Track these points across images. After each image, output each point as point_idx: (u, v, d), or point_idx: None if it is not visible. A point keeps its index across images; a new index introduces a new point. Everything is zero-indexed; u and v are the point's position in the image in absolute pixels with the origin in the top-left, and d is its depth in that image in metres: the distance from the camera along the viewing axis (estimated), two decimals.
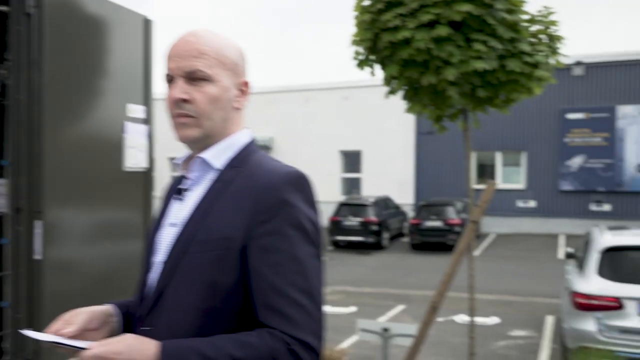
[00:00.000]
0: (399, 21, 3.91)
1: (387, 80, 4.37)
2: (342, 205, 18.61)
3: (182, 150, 1.35)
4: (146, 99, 4.14)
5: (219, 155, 1.37)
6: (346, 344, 7.85)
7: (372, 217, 17.78)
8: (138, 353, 1.14)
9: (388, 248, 18.04)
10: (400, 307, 10.24)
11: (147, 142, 4.16)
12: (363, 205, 18.20)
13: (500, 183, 21.08)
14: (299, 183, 1.32)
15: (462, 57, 3.90)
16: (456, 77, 3.94)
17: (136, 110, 4.05)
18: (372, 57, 4.45)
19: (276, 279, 1.22)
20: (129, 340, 1.16)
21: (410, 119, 20.69)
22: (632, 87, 19.10)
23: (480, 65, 3.88)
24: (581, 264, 6.44)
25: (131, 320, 1.40)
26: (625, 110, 19.07)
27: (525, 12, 4.25)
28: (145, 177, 4.18)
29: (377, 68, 4.48)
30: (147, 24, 4.15)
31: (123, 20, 3.93)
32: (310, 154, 24.23)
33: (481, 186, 21.47)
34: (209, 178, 1.37)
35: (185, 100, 1.32)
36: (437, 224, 16.92)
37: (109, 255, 3.89)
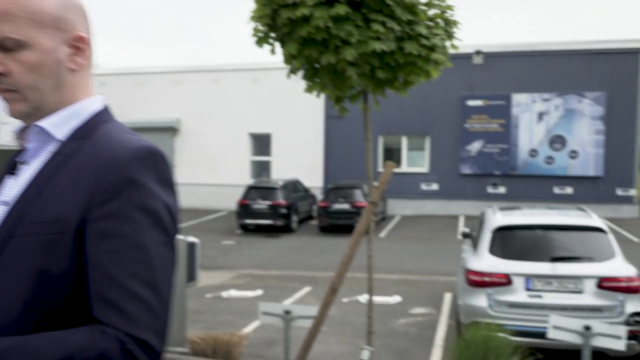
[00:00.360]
0: None
1: (287, 59, 4.26)
2: (251, 188, 18.42)
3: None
4: None
5: (61, 124, 1.17)
6: (250, 328, 7.77)
7: (281, 200, 17.75)
8: None
9: (297, 231, 18.11)
10: (306, 289, 10.30)
11: None
12: (272, 189, 18.12)
13: (405, 167, 21.78)
14: (152, 160, 1.12)
15: (360, 37, 3.88)
16: (355, 58, 3.91)
17: None
18: (272, 34, 4.33)
19: (113, 268, 1.04)
20: None
21: (320, 103, 20.76)
22: (527, 77, 20.29)
23: (378, 46, 3.88)
24: (475, 243, 6.75)
25: None
26: (519, 99, 20.24)
27: None
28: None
29: (278, 46, 4.37)
30: None
31: None
32: (218, 137, 23.75)
33: None
34: (48, 150, 1.17)
35: (1, 74, 1.12)
36: (345, 206, 17.18)
37: None
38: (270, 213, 17.67)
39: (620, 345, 4.67)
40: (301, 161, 22.67)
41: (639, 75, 19.51)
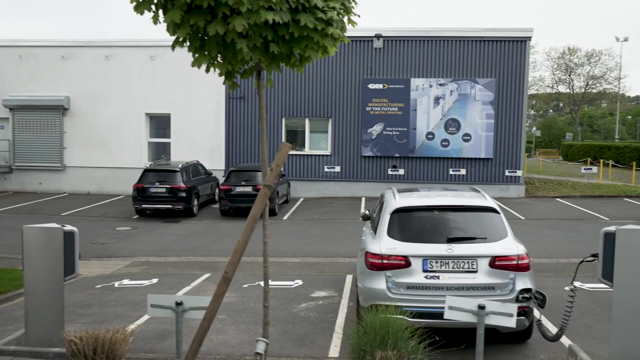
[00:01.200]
0: None
1: (170, 28, 3.85)
2: (148, 171, 17.53)
3: None
4: None
5: None
6: (142, 320, 7.29)
7: (181, 184, 17.05)
8: None
9: (198, 215, 17.51)
10: (205, 276, 9.89)
11: None
12: (171, 171, 17.36)
13: (308, 149, 21.72)
14: None
15: (251, 6, 3.57)
16: (246, 29, 3.59)
17: None
18: None
19: None
20: None
21: (221, 82, 20.11)
22: (425, 61, 20.85)
23: (271, 16, 3.59)
24: (375, 226, 6.70)
25: None
26: (417, 83, 20.78)
27: None
28: None
29: (161, 14, 3.93)
30: None
31: None
32: (113, 117, 22.38)
33: (292, 152, 21.93)
34: None
35: None
36: (247, 189, 16.80)
37: None
38: (169, 197, 16.95)
39: (511, 322, 4.78)
40: (202, 143, 21.94)
41: (526, 62, 20.68)
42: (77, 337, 4.53)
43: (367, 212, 8.55)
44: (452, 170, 20.76)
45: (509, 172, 20.69)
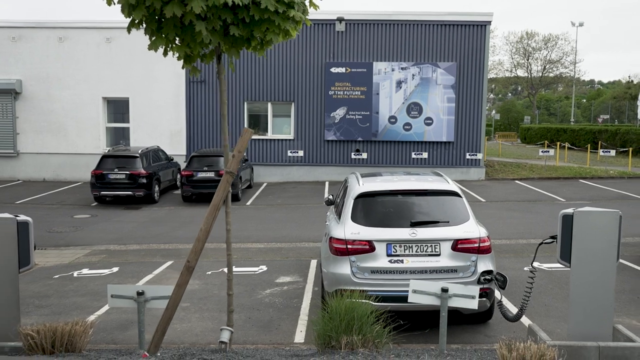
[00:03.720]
0: None
1: (125, 9, 3.70)
2: (105, 157, 17.08)
3: None
4: None
5: None
6: (103, 310, 7.13)
7: (141, 170, 16.69)
8: None
9: (159, 202, 17.20)
10: (168, 263, 9.74)
11: None
12: (130, 157, 16.95)
13: (271, 134, 21.56)
14: None
15: None
16: (204, 10, 3.48)
17: None
18: None
19: None
20: None
21: (181, 66, 19.67)
22: (387, 45, 20.88)
23: None
24: (339, 211, 6.69)
25: None
26: (380, 66, 20.80)
27: None
28: None
29: None
30: None
31: None
32: (68, 101, 21.66)
33: (255, 136, 21.74)
34: None
35: None
36: (209, 175, 16.57)
37: None
38: (129, 183, 16.57)
39: (474, 304, 4.86)
40: (163, 128, 21.50)
41: (486, 47, 20.94)
42: (34, 331, 4.38)
43: (330, 196, 8.54)
44: (415, 154, 20.96)
45: (469, 155, 21.02)
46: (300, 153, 21.26)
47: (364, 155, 21.02)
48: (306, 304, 7.29)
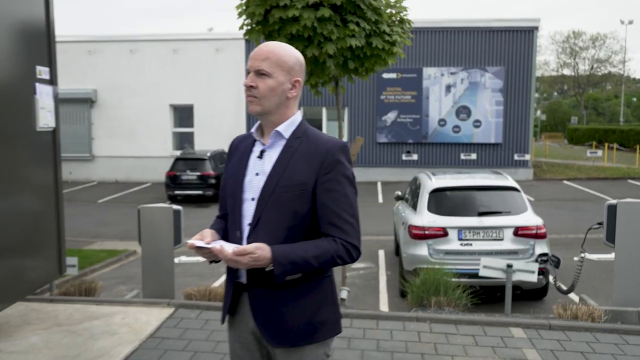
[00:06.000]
0: (288, 0, 4.56)
1: None
2: (179, 159, 18.69)
3: None
4: (50, 61, 4.24)
5: (286, 129, 2.04)
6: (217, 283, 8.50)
7: (210, 171, 18.23)
8: (262, 250, 1.84)
9: None
10: None
11: (53, 103, 4.29)
12: (200, 160, 18.51)
13: None
14: (345, 149, 2.02)
15: (339, 34, 4.70)
16: (334, 51, 4.73)
17: (43, 71, 4.15)
18: (257, 28, 5.03)
19: (335, 207, 1.95)
20: (255, 244, 1.84)
21: (241, 74, 21.18)
22: (436, 51, 21.87)
23: (354, 42, 4.72)
24: (414, 203, 7.89)
25: (225, 237, 2.07)
26: (430, 72, 21.83)
27: None
28: (54, 137, 4.32)
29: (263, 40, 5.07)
30: None
31: None
32: (139, 108, 23.47)
33: None
34: (280, 144, 2.03)
35: (252, 87, 1.97)
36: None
37: (21, 210, 4.05)
38: (199, 183, 18.12)
39: (533, 278, 5.98)
40: (223, 132, 23.01)
41: (534, 51, 21.68)
42: (195, 290, 5.79)
43: (399, 192, 9.75)
44: (464, 155, 21.85)
45: (517, 156, 21.79)
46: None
47: (415, 157, 22.05)
48: (383, 284, 8.50)
